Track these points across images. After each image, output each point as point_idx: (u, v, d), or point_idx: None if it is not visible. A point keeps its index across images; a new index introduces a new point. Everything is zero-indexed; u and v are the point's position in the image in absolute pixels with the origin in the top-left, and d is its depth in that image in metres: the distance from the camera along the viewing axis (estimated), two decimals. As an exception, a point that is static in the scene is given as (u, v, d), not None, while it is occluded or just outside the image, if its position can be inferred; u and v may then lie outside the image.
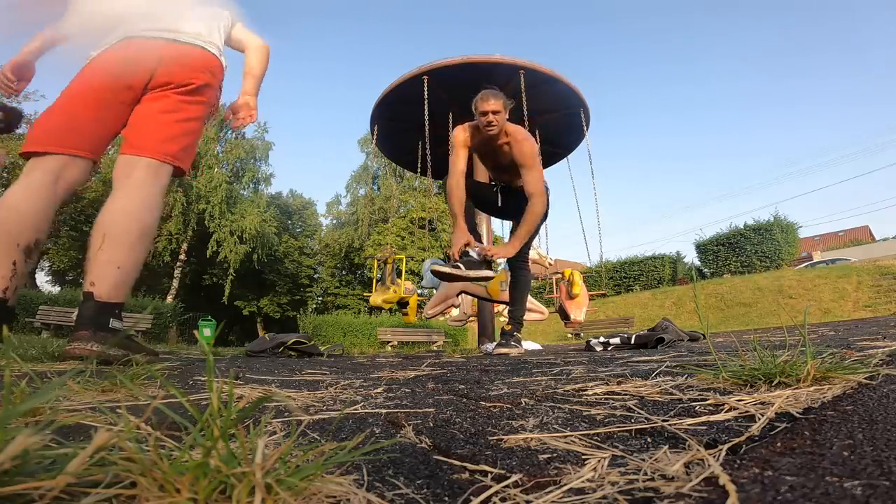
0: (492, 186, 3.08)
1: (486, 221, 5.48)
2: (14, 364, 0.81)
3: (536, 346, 3.90)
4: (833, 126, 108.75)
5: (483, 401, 0.77)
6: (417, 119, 5.35)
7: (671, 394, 0.70)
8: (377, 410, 0.70)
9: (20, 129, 2.06)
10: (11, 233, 1.50)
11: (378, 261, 6.03)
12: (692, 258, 19.67)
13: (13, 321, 1.71)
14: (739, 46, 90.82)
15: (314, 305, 26.71)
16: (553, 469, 0.39)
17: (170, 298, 18.80)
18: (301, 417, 0.63)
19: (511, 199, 2.96)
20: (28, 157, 1.62)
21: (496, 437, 0.50)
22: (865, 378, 0.66)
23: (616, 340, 2.72)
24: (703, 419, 0.52)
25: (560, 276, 6.01)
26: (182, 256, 21.91)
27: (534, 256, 5.12)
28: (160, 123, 1.69)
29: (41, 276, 21.25)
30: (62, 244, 18.87)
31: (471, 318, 5.93)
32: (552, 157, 6.63)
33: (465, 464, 0.41)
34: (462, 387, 0.98)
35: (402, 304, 5.90)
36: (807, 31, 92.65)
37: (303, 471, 0.30)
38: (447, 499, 0.33)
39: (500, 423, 0.57)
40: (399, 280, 5.90)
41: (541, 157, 3.25)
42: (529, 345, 3.66)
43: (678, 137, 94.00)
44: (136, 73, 1.69)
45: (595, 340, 2.80)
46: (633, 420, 0.55)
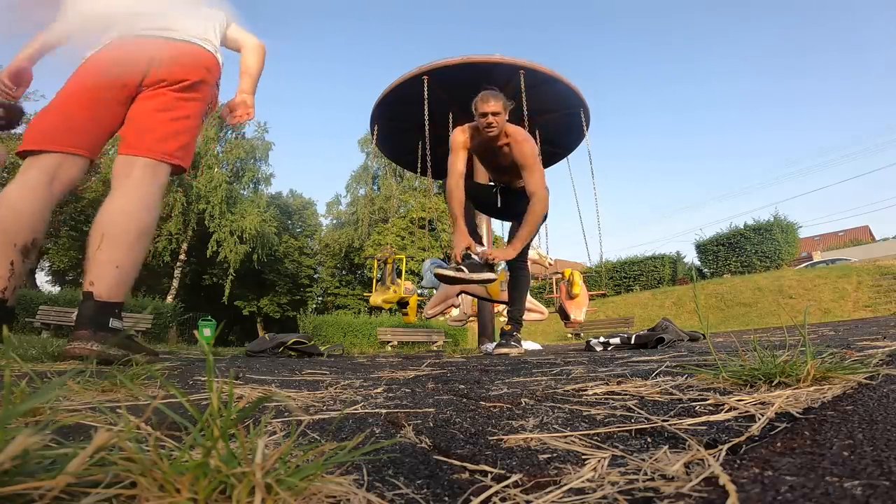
0: (491, 187, 3.07)
1: (486, 222, 5.48)
2: (14, 364, 0.81)
3: (536, 346, 3.91)
4: (833, 126, 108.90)
5: (483, 401, 0.77)
6: (417, 119, 5.35)
7: (671, 394, 0.70)
8: (377, 410, 0.70)
9: (21, 128, 2.05)
10: (8, 232, 1.49)
11: (378, 261, 6.03)
12: (692, 258, 19.70)
13: (13, 321, 1.71)
14: (739, 47, 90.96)
15: (314, 305, 26.71)
16: (553, 469, 0.39)
17: (170, 298, 18.80)
18: (301, 417, 0.63)
19: (511, 200, 2.96)
20: (24, 157, 1.62)
21: (496, 437, 0.50)
22: (865, 378, 0.66)
23: (616, 340, 2.73)
24: (703, 419, 0.52)
25: (560, 276, 6.01)
26: (182, 256, 21.91)
27: (534, 256, 5.12)
28: (156, 122, 1.69)
29: (41, 276, 21.28)
30: (62, 244, 18.86)
31: (471, 318, 5.94)
32: (552, 157, 6.64)
33: (465, 464, 0.41)
34: (462, 387, 0.98)
35: (402, 304, 5.90)
36: (807, 32, 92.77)
37: (303, 471, 0.30)
38: (447, 499, 0.33)
39: (500, 423, 0.57)
40: (399, 280, 5.90)
41: (541, 157, 3.25)
42: (529, 345, 3.66)
43: (678, 138, 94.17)
44: (130, 72, 1.69)
45: (595, 340, 2.80)
46: (633, 420, 0.55)
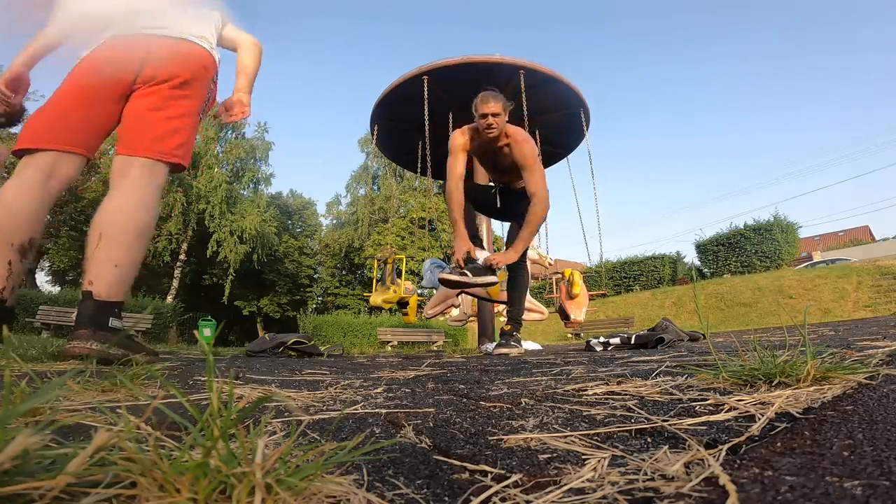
0: (490, 188, 3.07)
1: (486, 222, 5.48)
2: (14, 364, 0.81)
3: (536, 346, 3.90)
4: (833, 126, 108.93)
5: (483, 401, 0.77)
6: (417, 119, 5.35)
7: (671, 394, 0.70)
8: (377, 410, 0.70)
9: (20, 127, 2.04)
10: (5, 232, 1.49)
11: (378, 261, 6.03)
12: (692, 258, 19.69)
13: (13, 321, 1.71)
14: (740, 47, 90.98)
15: (314, 305, 26.70)
16: (553, 469, 0.39)
17: (170, 298, 18.80)
18: (301, 417, 0.63)
19: (510, 201, 2.95)
20: (21, 156, 1.62)
21: (496, 437, 0.50)
22: (865, 378, 0.66)
23: (616, 340, 2.73)
24: (703, 419, 0.52)
25: (560, 276, 6.01)
26: (182, 256, 21.91)
27: (534, 256, 5.12)
28: (152, 122, 1.69)
29: (41, 276, 21.27)
30: (62, 244, 18.85)
31: (471, 318, 5.93)
32: (552, 157, 6.63)
33: (465, 464, 0.41)
34: (462, 387, 0.98)
35: (402, 304, 5.90)
36: (807, 33, 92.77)
37: (303, 471, 0.30)
38: (447, 499, 0.33)
39: (500, 423, 0.57)
40: (399, 280, 5.90)
41: (541, 158, 3.24)
42: (529, 345, 3.66)
43: (678, 138, 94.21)
44: (122, 70, 1.68)
45: (595, 340, 2.80)
46: (633, 420, 0.55)
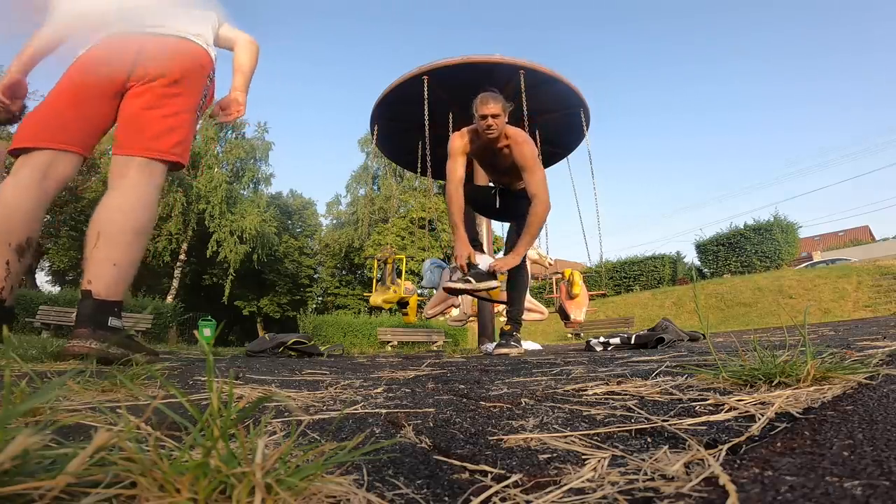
0: (490, 189, 3.07)
1: (486, 223, 5.48)
2: (14, 364, 0.81)
3: (536, 346, 3.90)
4: (833, 126, 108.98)
5: (483, 401, 0.77)
6: (417, 119, 5.35)
7: (671, 394, 0.70)
8: (377, 410, 0.70)
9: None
10: (2, 232, 1.49)
11: (378, 261, 6.04)
12: (692, 258, 19.69)
13: (13, 321, 1.71)
14: (740, 48, 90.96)
15: (314, 305, 26.70)
16: (553, 469, 0.39)
17: (170, 298, 18.80)
18: (301, 417, 0.63)
19: (510, 201, 2.95)
20: (17, 155, 1.62)
21: (496, 437, 0.50)
22: (865, 378, 0.66)
23: (616, 340, 2.73)
24: (703, 419, 0.52)
25: (560, 276, 6.01)
26: (182, 256, 21.90)
27: (534, 256, 5.12)
28: (147, 121, 1.68)
29: (41, 276, 21.27)
30: (62, 244, 18.84)
31: (471, 318, 5.93)
32: (552, 157, 6.63)
33: (465, 464, 0.41)
34: (462, 387, 0.98)
35: (402, 304, 5.90)
36: (807, 33, 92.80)
37: (303, 471, 0.30)
38: (447, 499, 0.33)
39: (500, 423, 0.57)
40: (399, 280, 5.90)
41: (541, 158, 3.25)
42: (529, 345, 3.66)
43: (678, 138, 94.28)
44: (115, 69, 1.68)
45: (595, 340, 2.80)
46: (633, 420, 0.55)
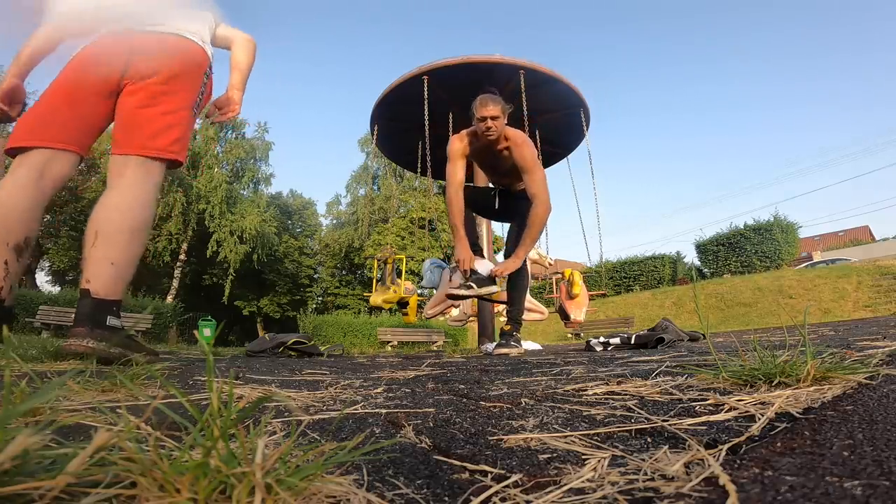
0: (490, 190, 3.07)
1: (486, 223, 5.48)
2: (14, 364, 0.81)
3: (536, 346, 3.90)
4: (833, 127, 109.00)
5: (483, 401, 0.77)
6: (417, 119, 5.34)
7: (671, 394, 0.70)
8: (377, 410, 0.70)
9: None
10: (0, 232, 1.49)
11: (378, 261, 6.03)
12: (692, 258, 19.69)
13: (13, 321, 1.71)
14: (740, 48, 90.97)
15: (314, 305, 26.70)
16: (553, 469, 0.39)
17: (170, 298, 18.79)
18: (301, 417, 0.63)
19: (510, 202, 2.95)
20: (14, 155, 1.62)
21: (496, 437, 0.50)
22: (865, 378, 0.66)
23: (616, 340, 2.73)
24: (703, 419, 0.52)
25: (560, 276, 6.00)
26: (182, 256, 21.90)
27: (534, 256, 5.12)
28: (143, 119, 1.68)
29: (41, 276, 21.27)
30: (62, 244, 18.84)
31: (471, 318, 5.93)
32: (552, 157, 6.63)
33: (465, 464, 0.41)
34: (462, 387, 0.98)
35: (402, 304, 5.90)
36: (807, 34, 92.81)
37: (303, 471, 0.30)
38: (447, 499, 0.33)
39: (500, 423, 0.57)
40: (399, 280, 5.90)
41: (541, 158, 3.25)
42: (529, 345, 3.66)
43: (678, 138, 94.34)
44: (109, 67, 1.68)
45: (595, 340, 2.80)
46: (633, 420, 0.55)
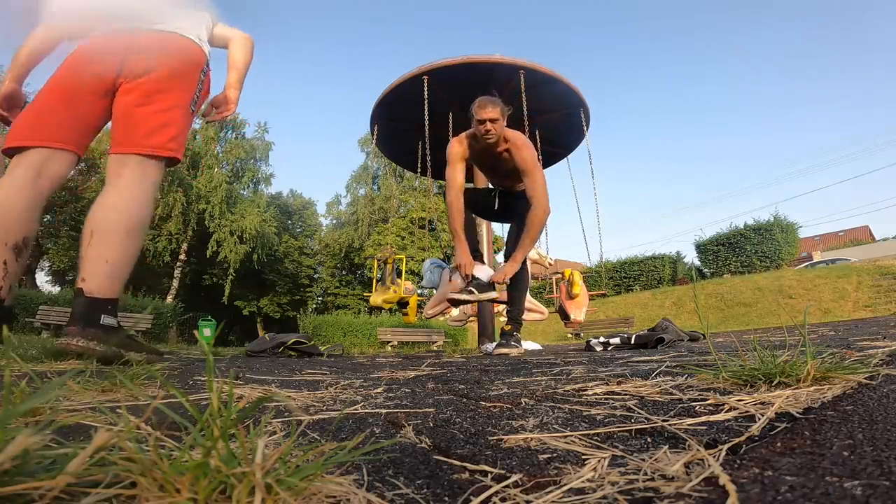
0: (490, 191, 3.07)
1: (487, 223, 5.48)
2: (14, 364, 0.81)
3: (536, 346, 3.90)
4: (833, 127, 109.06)
5: (483, 401, 0.77)
6: (417, 119, 5.35)
7: (671, 394, 0.70)
8: (377, 410, 0.70)
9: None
10: None
11: (378, 261, 6.03)
12: (692, 258, 19.68)
13: (13, 321, 1.71)
14: (740, 48, 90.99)
15: (314, 305, 26.70)
16: (553, 469, 0.39)
17: (170, 298, 18.79)
18: (301, 417, 0.63)
19: (510, 202, 2.95)
20: (11, 155, 1.62)
21: (496, 437, 0.50)
22: (865, 378, 0.66)
23: (616, 340, 2.73)
24: (703, 419, 0.52)
25: (560, 276, 6.00)
26: (182, 256, 21.90)
27: (534, 256, 5.11)
28: (139, 118, 1.68)
29: (41, 276, 21.28)
30: (62, 244, 18.84)
31: (471, 318, 5.93)
32: (552, 157, 6.63)
33: (465, 464, 0.41)
34: (462, 387, 0.98)
35: (402, 304, 5.90)
36: (807, 34, 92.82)
37: (303, 471, 0.30)
38: (447, 499, 0.33)
39: (500, 423, 0.57)
40: (399, 280, 5.89)
41: (541, 158, 3.25)
42: (529, 345, 3.66)
43: (678, 138, 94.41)
44: (104, 66, 1.68)
45: (595, 340, 2.80)
46: (633, 420, 0.55)
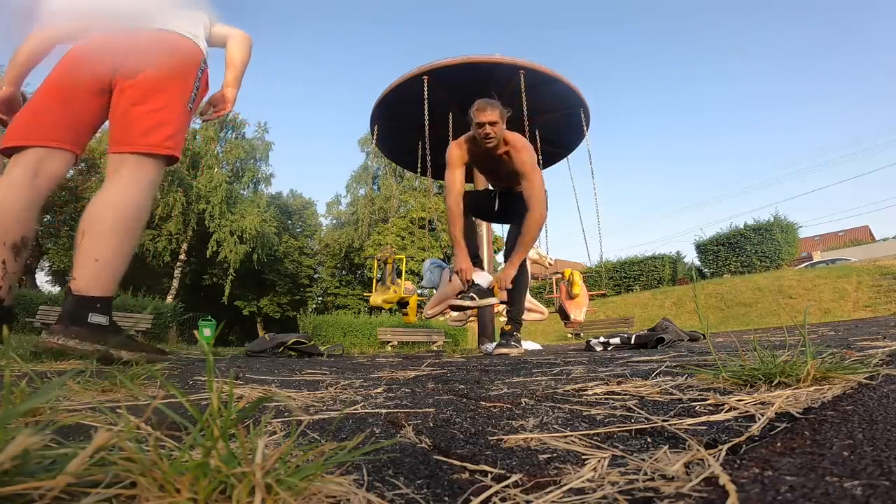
0: (490, 192, 3.07)
1: (486, 224, 5.47)
2: (14, 364, 0.81)
3: (536, 346, 3.90)
4: (833, 127, 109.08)
5: (483, 401, 0.77)
6: (417, 119, 5.35)
7: (671, 394, 0.70)
8: (377, 410, 0.70)
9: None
10: None
11: (378, 261, 6.04)
12: (692, 258, 19.67)
13: (13, 321, 1.71)
14: (740, 48, 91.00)
15: (314, 305, 26.69)
16: (553, 469, 0.39)
17: (170, 298, 18.78)
18: (301, 417, 0.63)
19: (510, 202, 2.95)
20: (9, 155, 1.62)
21: (496, 437, 0.50)
22: (865, 378, 0.66)
23: (616, 340, 2.73)
24: (703, 419, 0.52)
25: (560, 276, 6.00)
26: (182, 256, 21.89)
27: (534, 256, 5.11)
28: (135, 117, 1.67)
29: (41, 276, 21.28)
30: (62, 244, 18.85)
31: (471, 318, 5.93)
32: (552, 157, 6.63)
33: (465, 464, 0.41)
34: (462, 387, 0.98)
35: (402, 304, 5.90)
36: (807, 34, 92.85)
37: (303, 471, 0.30)
38: (447, 499, 0.33)
39: (500, 423, 0.57)
40: (399, 280, 5.90)
41: (541, 158, 3.25)
42: (529, 345, 3.66)
43: (678, 138, 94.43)
44: (99, 65, 1.68)
45: (595, 340, 2.80)
46: (633, 420, 0.55)
